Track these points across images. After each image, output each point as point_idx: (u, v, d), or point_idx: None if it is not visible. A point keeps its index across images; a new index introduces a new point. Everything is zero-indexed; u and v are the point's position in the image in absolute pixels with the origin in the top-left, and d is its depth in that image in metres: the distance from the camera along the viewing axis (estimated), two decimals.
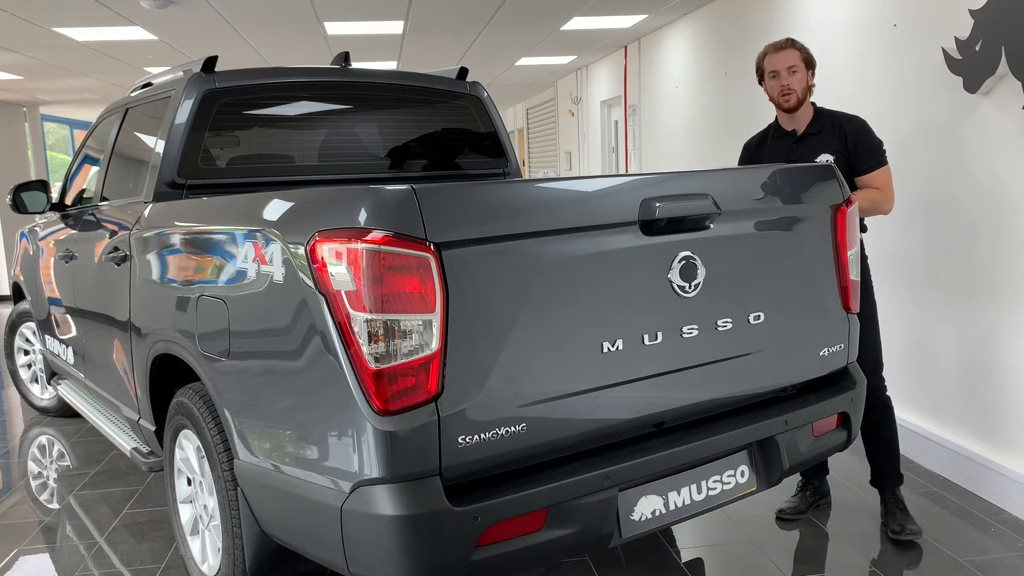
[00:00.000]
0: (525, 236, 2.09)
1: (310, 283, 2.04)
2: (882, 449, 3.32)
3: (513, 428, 2.07)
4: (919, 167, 3.99)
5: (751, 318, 2.50)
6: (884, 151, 3.22)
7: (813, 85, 3.31)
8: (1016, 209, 3.45)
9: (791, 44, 3.30)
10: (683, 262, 2.33)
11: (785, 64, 3.26)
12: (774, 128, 3.43)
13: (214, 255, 2.56)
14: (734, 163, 3.72)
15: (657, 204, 2.26)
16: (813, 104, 3.34)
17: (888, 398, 3.31)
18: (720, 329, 2.43)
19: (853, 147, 3.19)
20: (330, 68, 3.78)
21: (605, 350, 2.21)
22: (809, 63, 3.29)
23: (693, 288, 2.35)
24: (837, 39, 4.83)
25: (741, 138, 3.69)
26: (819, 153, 3.23)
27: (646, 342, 2.28)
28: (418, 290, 1.94)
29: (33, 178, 6.68)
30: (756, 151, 3.48)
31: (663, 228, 2.29)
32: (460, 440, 2.00)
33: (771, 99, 3.34)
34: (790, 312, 2.61)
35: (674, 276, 2.31)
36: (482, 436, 2.03)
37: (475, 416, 2.02)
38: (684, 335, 2.36)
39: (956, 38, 3.67)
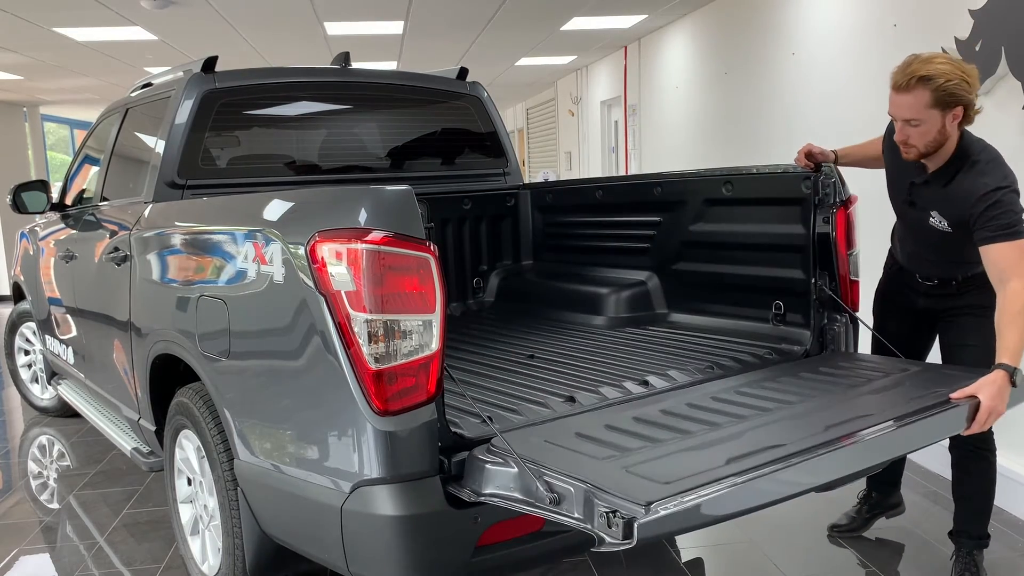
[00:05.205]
0: None
1: (310, 283, 2.04)
2: (964, 501, 2.90)
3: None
4: None
5: None
6: (1010, 224, 2.39)
7: (971, 114, 2.48)
8: None
9: (919, 83, 2.40)
10: None
11: (902, 114, 2.48)
12: None
13: (214, 255, 2.57)
14: (734, 162, 3.71)
15: None
16: (963, 134, 2.54)
17: (990, 451, 2.82)
18: None
19: (972, 220, 2.46)
20: (330, 68, 3.78)
21: None
22: (949, 103, 2.41)
23: None
24: (837, 39, 4.83)
25: (741, 138, 3.67)
26: (934, 207, 2.61)
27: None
28: (418, 290, 1.94)
29: (33, 178, 6.67)
30: (890, 140, 2.71)
31: None
32: None
33: None
34: None
35: None
36: None
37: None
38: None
39: (956, 38, 3.67)
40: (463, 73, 4.06)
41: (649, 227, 3.52)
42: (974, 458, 2.81)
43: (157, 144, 3.30)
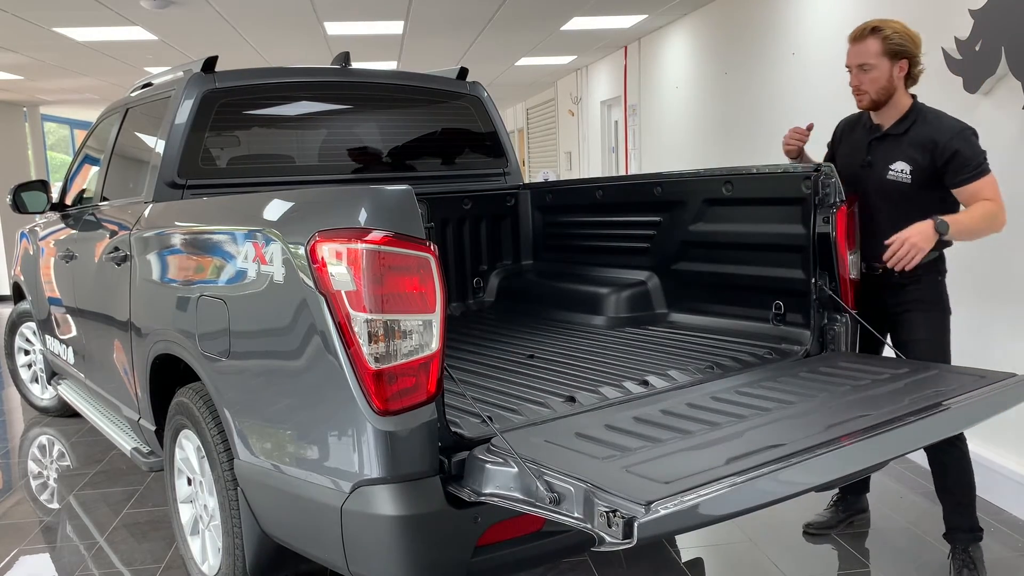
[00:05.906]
0: None
1: (310, 283, 2.04)
2: (948, 495, 2.93)
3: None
4: None
5: None
6: (981, 163, 2.72)
7: (914, 72, 2.83)
8: (1016, 209, 3.45)
9: (871, 33, 2.81)
10: None
11: (856, 60, 2.83)
12: (868, 115, 2.98)
13: (214, 255, 2.57)
14: (734, 162, 3.71)
15: None
16: (913, 96, 2.88)
17: (960, 439, 2.85)
18: None
19: (942, 161, 2.72)
20: (330, 68, 3.78)
21: None
22: (897, 53, 2.78)
23: None
24: (837, 39, 4.83)
25: (741, 138, 3.67)
26: (895, 159, 2.82)
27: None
28: (418, 290, 1.94)
29: (33, 178, 6.68)
30: (843, 135, 3.12)
31: None
32: None
33: None
34: None
35: None
36: None
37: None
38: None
39: (956, 38, 3.67)
40: (463, 73, 4.07)
41: (649, 227, 3.52)
42: (946, 449, 2.84)
43: (157, 144, 3.30)
